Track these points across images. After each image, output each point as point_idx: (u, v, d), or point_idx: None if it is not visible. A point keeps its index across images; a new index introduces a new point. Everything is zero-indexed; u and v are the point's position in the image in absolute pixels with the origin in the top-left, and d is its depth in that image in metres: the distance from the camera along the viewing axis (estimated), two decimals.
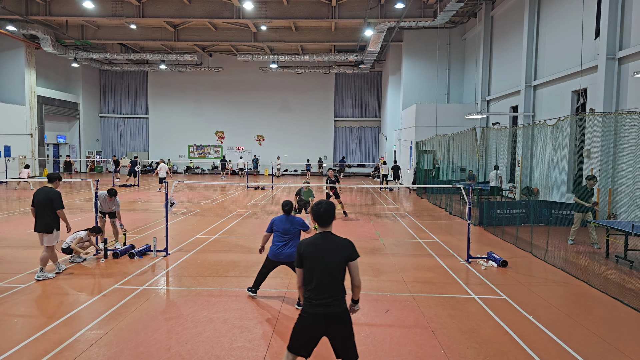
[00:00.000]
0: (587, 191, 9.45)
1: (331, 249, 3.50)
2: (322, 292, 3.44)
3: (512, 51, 18.47)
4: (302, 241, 3.60)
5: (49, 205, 6.91)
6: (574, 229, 9.72)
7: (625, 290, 6.73)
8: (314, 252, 3.50)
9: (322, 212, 3.59)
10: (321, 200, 3.76)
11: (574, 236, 9.76)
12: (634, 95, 11.20)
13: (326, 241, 3.53)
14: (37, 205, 6.92)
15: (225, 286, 6.78)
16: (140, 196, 18.63)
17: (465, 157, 17.08)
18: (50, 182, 7.17)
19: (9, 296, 6.19)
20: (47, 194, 6.94)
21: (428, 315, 5.71)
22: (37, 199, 6.93)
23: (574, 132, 13.54)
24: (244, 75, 34.15)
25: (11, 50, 25.72)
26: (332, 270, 3.46)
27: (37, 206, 6.91)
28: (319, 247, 3.51)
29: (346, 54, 27.44)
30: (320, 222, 3.61)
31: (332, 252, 3.49)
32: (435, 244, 10.04)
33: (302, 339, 3.51)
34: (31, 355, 4.50)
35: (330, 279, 3.46)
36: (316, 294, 3.44)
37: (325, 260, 3.47)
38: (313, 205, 3.68)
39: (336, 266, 3.48)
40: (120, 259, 8.25)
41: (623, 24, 11.71)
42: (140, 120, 35.75)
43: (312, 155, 34.62)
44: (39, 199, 6.92)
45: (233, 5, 21.11)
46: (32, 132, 26.65)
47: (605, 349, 4.81)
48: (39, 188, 7.10)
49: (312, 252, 3.50)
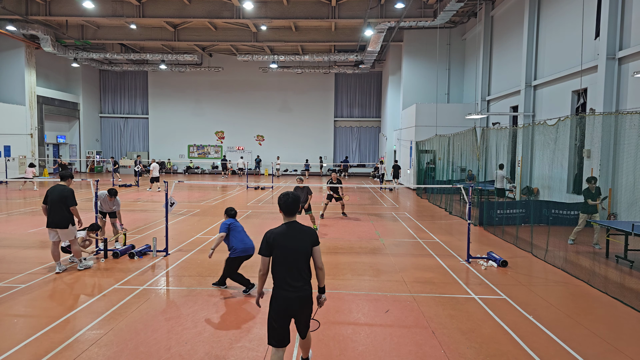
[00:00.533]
0: (592, 193, 9.43)
1: (299, 237, 3.78)
2: (294, 278, 3.71)
3: (512, 51, 18.47)
4: (271, 230, 3.81)
5: (64, 202, 7.22)
6: (577, 229, 9.66)
7: (625, 290, 6.73)
8: (285, 240, 3.73)
9: (289, 202, 3.83)
10: (288, 192, 3.95)
11: (575, 236, 9.75)
12: (634, 95, 11.20)
13: (294, 230, 3.80)
14: (51, 202, 7.21)
15: (225, 286, 6.77)
16: (140, 196, 18.63)
17: (465, 157, 17.08)
18: (63, 180, 7.52)
19: (9, 296, 6.19)
20: (62, 191, 7.27)
21: (428, 315, 5.71)
22: (52, 196, 7.22)
23: (574, 132, 13.53)
24: (244, 75, 34.14)
25: (11, 50, 25.71)
26: (301, 257, 3.75)
27: (52, 203, 7.20)
28: (289, 236, 3.76)
29: (346, 54, 27.44)
30: (287, 212, 3.85)
31: (300, 239, 3.77)
32: (435, 244, 10.04)
33: (279, 326, 3.72)
34: (31, 355, 4.50)
35: (301, 265, 3.74)
36: (289, 280, 3.70)
37: (295, 248, 3.73)
38: (280, 195, 3.86)
39: (305, 252, 3.77)
40: (120, 259, 8.25)
41: (623, 24, 11.70)
42: (140, 120, 35.75)
43: (312, 155, 34.63)
44: (53, 196, 7.22)
45: (233, 5, 21.11)
46: (32, 132, 26.64)
47: (605, 349, 4.81)
48: (53, 186, 7.39)
49: (283, 241, 3.73)
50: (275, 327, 3.73)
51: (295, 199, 3.84)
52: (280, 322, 3.72)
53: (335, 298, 6.33)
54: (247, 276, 7.31)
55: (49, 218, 7.24)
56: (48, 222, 7.26)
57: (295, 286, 3.71)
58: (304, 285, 3.75)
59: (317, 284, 3.94)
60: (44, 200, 7.35)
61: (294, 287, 3.70)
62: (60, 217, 7.21)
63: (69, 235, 7.36)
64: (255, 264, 8.07)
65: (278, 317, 3.72)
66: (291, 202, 3.82)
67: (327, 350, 4.74)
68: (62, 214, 7.23)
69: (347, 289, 6.75)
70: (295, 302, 3.71)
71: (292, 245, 3.73)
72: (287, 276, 3.71)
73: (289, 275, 3.71)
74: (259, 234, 10.64)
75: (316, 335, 5.07)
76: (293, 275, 3.71)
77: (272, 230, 3.81)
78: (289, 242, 3.73)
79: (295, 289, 3.70)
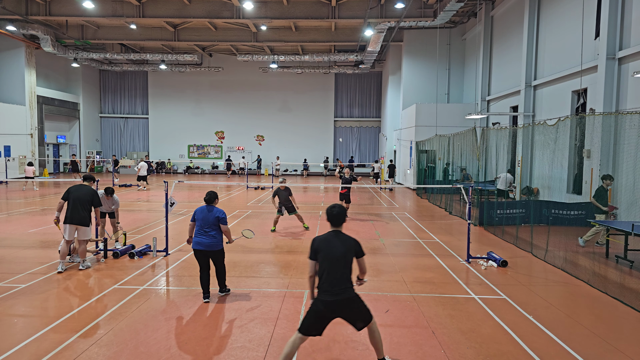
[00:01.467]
0: (605, 191, 9.35)
1: (342, 246, 4.06)
2: (335, 282, 3.98)
3: (512, 51, 18.47)
4: (317, 237, 4.17)
5: (89, 200, 7.52)
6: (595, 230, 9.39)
7: (625, 290, 6.73)
8: (327, 247, 4.05)
9: (335, 214, 4.16)
10: (335, 204, 4.26)
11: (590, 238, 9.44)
12: (634, 95, 11.20)
13: (337, 239, 4.11)
14: (75, 200, 7.40)
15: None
16: (140, 196, 18.63)
17: (465, 157, 17.07)
18: (87, 180, 7.99)
19: (9, 296, 6.19)
20: (89, 191, 7.61)
21: (428, 315, 5.71)
22: (77, 194, 7.46)
23: (574, 132, 13.53)
24: (244, 75, 34.15)
25: (11, 50, 25.71)
26: (343, 264, 4.02)
27: (76, 200, 7.40)
28: (331, 243, 4.06)
29: (346, 54, 27.44)
30: (332, 223, 4.19)
31: (342, 248, 4.05)
32: (435, 243, 10.04)
33: (314, 322, 4.01)
34: (31, 355, 4.50)
35: (342, 271, 4.01)
36: (329, 284, 3.98)
37: (337, 255, 4.02)
38: (328, 207, 4.22)
39: (345, 260, 4.04)
40: (120, 259, 8.25)
41: (623, 24, 11.70)
42: (140, 120, 35.75)
43: (313, 155, 34.64)
44: (79, 194, 7.48)
45: (233, 5, 21.11)
46: (32, 132, 26.64)
47: (605, 349, 4.81)
48: (77, 185, 7.65)
49: (326, 248, 4.05)
50: (310, 321, 4.01)
51: (340, 211, 4.17)
52: (314, 321, 4.01)
53: None
54: (247, 276, 7.31)
55: (71, 215, 7.34)
56: (69, 218, 7.34)
57: (335, 291, 3.96)
58: (345, 289, 4.00)
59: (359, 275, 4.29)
60: (63, 196, 7.48)
61: (334, 292, 3.96)
62: (84, 216, 7.42)
63: (87, 234, 7.54)
64: (256, 263, 8.09)
65: (316, 316, 4.01)
66: (336, 213, 4.15)
67: (327, 350, 4.74)
68: (85, 213, 7.44)
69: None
70: (335, 305, 3.96)
71: (333, 252, 4.02)
72: (328, 281, 3.98)
73: (329, 280, 3.98)
74: (259, 234, 10.72)
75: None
76: (334, 281, 3.98)
77: (318, 236, 4.17)
78: (331, 249, 4.03)
79: (334, 293, 3.96)
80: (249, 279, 7.14)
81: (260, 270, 7.72)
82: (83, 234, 7.50)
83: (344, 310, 4.01)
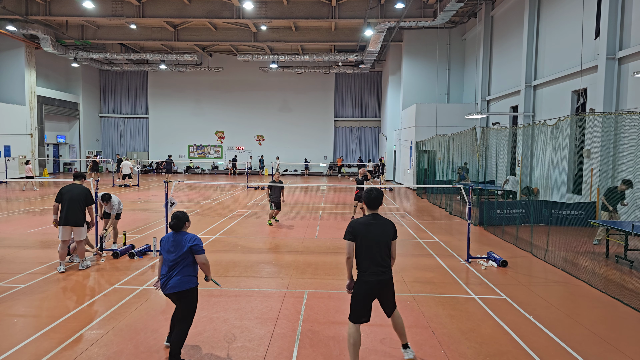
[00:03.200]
0: (617, 193, 9.31)
1: (380, 228, 4.23)
2: (375, 264, 4.17)
3: (512, 51, 18.47)
4: (355, 220, 4.28)
5: (82, 200, 7.39)
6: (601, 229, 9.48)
7: (625, 290, 6.73)
8: (366, 230, 4.18)
9: (373, 197, 4.28)
10: (373, 187, 4.41)
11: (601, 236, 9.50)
12: (634, 95, 11.20)
13: (376, 221, 4.25)
14: (69, 201, 7.26)
15: (225, 286, 6.77)
16: (140, 196, 18.63)
17: (465, 157, 17.08)
18: (78, 179, 7.69)
19: (9, 296, 6.19)
20: (82, 190, 7.46)
21: (428, 315, 5.71)
22: (70, 195, 7.30)
23: (574, 132, 13.53)
24: (244, 75, 34.14)
25: (11, 50, 25.70)
26: (381, 246, 4.20)
27: (70, 201, 7.27)
28: (370, 226, 4.20)
29: (346, 54, 27.43)
30: (370, 206, 4.31)
31: (380, 230, 4.22)
32: (435, 243, 10.04)
33: (361, 305, 4.19)
34: (31, 355, 4.50)
35: (381, 253, 4.20)
36: (369, 265, 4.17)
37: (376, 238, 4.19)
38: (365, 191, 4.35)
39: (385, 242, 4.22)
40: (120, 259, 8.25)
41: (623, 24, 11.70)
42: (140, 120, 35.74)
43: (313, 155, 34.65)
44: (72, 194, 7.31)
45: (233, 5, 21.11)
46: (32, 132, 26.64)
47: (605, 349, 4.81)
48: (68, 185, 7.48)
49: (364, 231, 4.18)
50: (358, 307, 4.19)
51: (378, 195, 4.29)
52: (362, 304, 4.18)
53: (335, 298, 6.33)
54: (247, 276, 7.30)
55: (65, 216, 7.24)
56: (63, 220, 7.25)
57: (376, 271, 4.17)
58: (385, 270, 4.21)
59: None
60: (56, 198, 7.35)
61: (375, 272, 4.16)
62: (78, 216, 7.33)
63: (83, 235, 7.47)
64: (255, 263, 8.08)
65: (361, 298, 4.19)
66: (374, 197, 4.27)
67: (327, 350, 4.74)
68: (79, 213, 7.36)
69: None
70: (376, 285, 4.18)
71: (372, 235, 4.17)
72: (368, 263, 4.17)
73: (369, 262, 4.16)
74: (259, 234, 10.72)
75: (316, 335, 5.08)
76: (374, 262, 4.16)
77: (357, 219, 4.28)
78: (370, 232, 4.18)
79: (375, 274, 4.16)
80: (249, 279, 7.14)
81: (260, 270, 7.72)
82: (78, 234, 7.42)
83: (383, 289, 4.23)
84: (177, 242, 4.44)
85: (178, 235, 4.48)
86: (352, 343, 4.16)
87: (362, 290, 4.19)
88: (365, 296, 4.19)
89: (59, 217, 7.34)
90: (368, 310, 4.22)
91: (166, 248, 4.46)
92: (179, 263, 4.40)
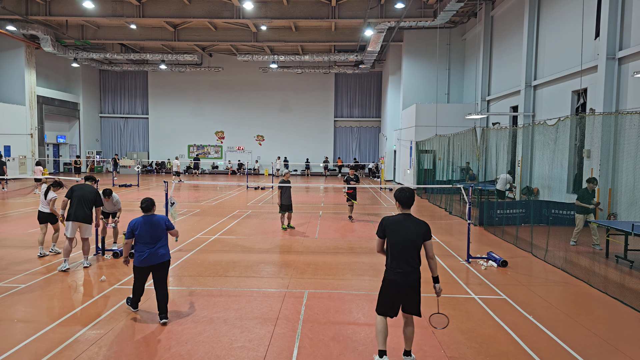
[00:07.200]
0: (588, 193, 9.45)
1: (410, 228, 4.19)
2: (403, 263, 4.16)
3: (512, 51, 18.47)
4: (387, 217, 4.30)
5: (92, 199, 7.74)
6: (576, 230, 9.67)
7: (625, 290, 6.73)
8: (396, 228, 4.19)
9: (406, 197, 4.28)
10: (404, 187, 4.43)
11: (577, 238, 9.73)
12: (634, 95, 11.20)
13: (407, 221, 4.23)
14: (80, 198, 7.61)
15: (225, 286, 6.77)
16: (140, 196, 18.63)
17: (465, 157, 17.06)
18: (89, 180, 8.20)
19: (9, 296, 6.19)
20: (93, 190, 7.82)
21: (428, 315, 5.70)
22: (81, 192, 7.67)
23: (574, 132, 13.53)
24: (244, 75, 34.14)
25: (11, 50, 25.71)
26: (411, 246, 4.16)
27: (80, 199, 7.60)
28: (400, 225, 4.20)
29: (346, 54, 27.43)
30: (403, 205, 4.30)
31: (410, 230, 4.18)
32: (435, 243, 10.03)
33: (388, 302, 4.23)
34: (31, 355, 4.50)
35: (409, 253, 4.16)
36: (397, 264, 4.17)
37: (405, 237, 4.16)
38: (397, 190, 4.36)
39: (414, 242, 4.16)
40: (120, 259, 8.24)
41: (623, 24, 11.71)
42: (140, 120, 35.75)
43: (313, 155, 34.64)
44: (83, 192, 7.68)
45: (233, 5, 21.11)
46: (32, 132, 26.65)
47: (605, 349, 4.81)
48: (79, 184, 7.84)
49: (394, 229, 4.19)
50: (384, 302, 4.25)
51: (411, 194, 4.28)
52: (386, 300, 4.24)
53: (335, 298, 6.33)
54: (247, 276, 7.30)
55: (75, 212, 7.51)
56: (72, 215, 7.50)
57: (404, 272, 4.15)
58: (413, 271, 4.16)
59: (431, 273, 4.26)
60: (67, 194, 7.68)
61: (402, 273, 4.15)
62: (86, 213, 7.62)
63: (89, 232, 7.71)
64: (256, 263, 8.09)
65: (387, 296, 4.23)
66: (407, 196, 4.27)
67: (327, 350, 4.74)
68: (88, 212, 7.64)
69: (347, 289, 6.75)
70: (403, 287, 4.17)
71: (402, 234, 4.17)
72: (396, 262, 4.17)
73: (397, 261, 4.16)
74: (259, 234, 10.72)
75: (316, 335, 5.08)
76: (401, 262, 4.16)
77: (389, 217, 4.29)
78: (399, 231, 4.18)
79: (402, 274, 4.15)
80: (249, 279, 7.14)
81: (260, 270, 7.72)
82: (85, 231, 7.66)
83: (409, 293, 4.19)
84: (152, 222, 5.40)
85: (150, 217, 5.43)
86: (379, 330, 4.24)
87: (387, 289, 4.24)
88: (389, 294, 4.23)
89: (67, 213, 7.62)
90: (391, 307, 4.24)
91: (145, 229, 5.31)
92: (161, 238, 5.41)
